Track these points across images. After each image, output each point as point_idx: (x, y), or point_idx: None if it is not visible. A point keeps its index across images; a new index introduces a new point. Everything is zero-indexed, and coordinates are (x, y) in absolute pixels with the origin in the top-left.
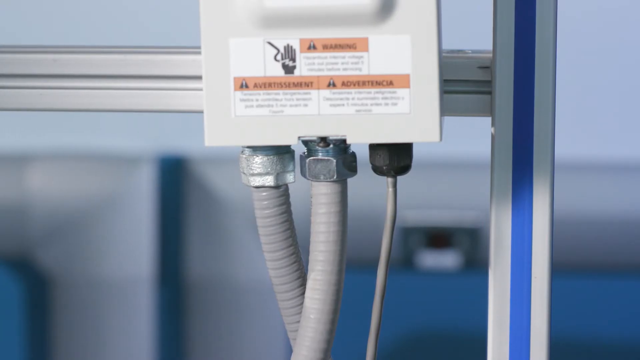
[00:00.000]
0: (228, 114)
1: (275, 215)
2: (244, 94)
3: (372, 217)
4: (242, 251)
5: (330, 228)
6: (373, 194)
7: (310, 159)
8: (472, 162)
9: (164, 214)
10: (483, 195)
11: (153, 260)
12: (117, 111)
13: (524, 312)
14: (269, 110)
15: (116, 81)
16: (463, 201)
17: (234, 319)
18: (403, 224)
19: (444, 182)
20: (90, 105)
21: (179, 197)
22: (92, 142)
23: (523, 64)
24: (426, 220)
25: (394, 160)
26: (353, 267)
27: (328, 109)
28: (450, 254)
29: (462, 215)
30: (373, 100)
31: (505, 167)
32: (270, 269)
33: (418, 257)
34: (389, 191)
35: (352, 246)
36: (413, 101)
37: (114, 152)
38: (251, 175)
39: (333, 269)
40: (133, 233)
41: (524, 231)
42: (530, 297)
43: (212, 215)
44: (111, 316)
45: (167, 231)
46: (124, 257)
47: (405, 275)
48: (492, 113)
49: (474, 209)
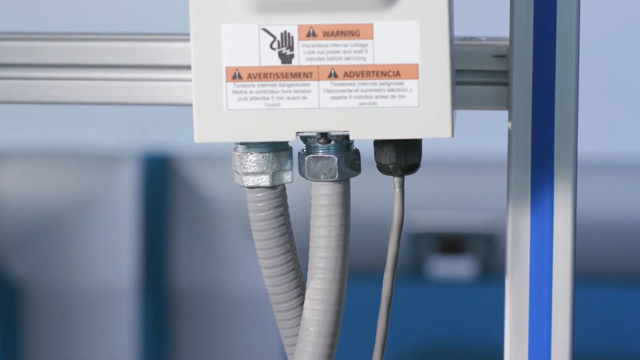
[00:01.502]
0: (219, 108)
1: (271, 218)
2: (237, 85)
3: (378, 221)
4: (234, 258)
5: (332, 232)
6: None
7: (310, 156)
8: (487, 160)
9: (149, 217)
10: (499, 197)
11: (136, 268)
12: (97, 104)
13: (544, 325)
14: (265, 103)
15: (97, 71)
16: (477, 203)
17: (225, 332)
18: (411, 227)
19: (456, 182)
20: (68, 97)
21: (165, 199)
22: (69, 138)
23: (543, 52)
24: (437, 223)
25: (401, 158)
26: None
27: (329, 102)
28: (463, 260)
29: (476, 219)
30: (378, 93)
31: (523, 165)
32: (265, 277)
33: (428, 264)
34: (395, 192)
35: (355, 252)
36: (422, 93)
37: (93, 150)
38: (245, 174)
39: (334, 277)
40: (114, 237)
41: (544, 236)
42: (551, 308)
43: (202, 219)
44: (89, 328)
45: (151, 236)
46: (104, 263)
47: (413, 284)
48: (508, 106)
49: (489, 212)
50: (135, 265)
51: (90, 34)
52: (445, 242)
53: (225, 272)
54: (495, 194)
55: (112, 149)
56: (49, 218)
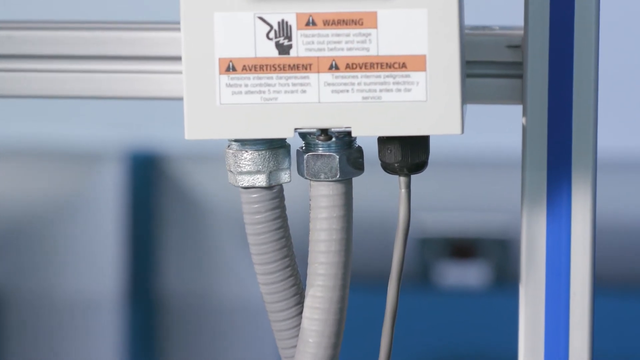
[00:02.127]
0: (212, 102)
1: (267, 220)
2: (231, 78)
3: (382, 223)
4: (228, 264)
5: (333, 236)
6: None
7: (309, 154)
8: (500, 159)
9: (135, 220)
10: (513, 198)
11: (121, 275)
12: (81, 98)
13: (560, 336)
14: (261, 97)
15: (81, 63)
16: (489, 205)
17: (218, 345)
18: (419, 231)
19: (466, 182)
20: (48, 91)
21: (153, 200)
22: (50, 135)
23: (560, 42)
24: (446, 227)
25: (408, 156)
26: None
27: (330, 95)
28: (474, 267)
29: (488, 222)
30: (383, 86)
31: (538, 164)
32: (261, 284)
33: (436, 271)
34: (401, 192)
35: (357, 257)
36: (430, 87)
37: (75, 147)
38: (239, 173)
39: (336, 284)
40: (97, 242)
41: (561, 240)
42: (569, 318)
43: (192, 222)
44: (70, 340)
45: (138, 240)
46: (86, 270)
47: (421, 292)
48: (523, 100)
49: (502, 214)
50: (120, 272)
51: (73, 22)
52: (455, 246)
53: (218, 280)
54: (508, 195)
55: (95, 147)
56: (26, 221)
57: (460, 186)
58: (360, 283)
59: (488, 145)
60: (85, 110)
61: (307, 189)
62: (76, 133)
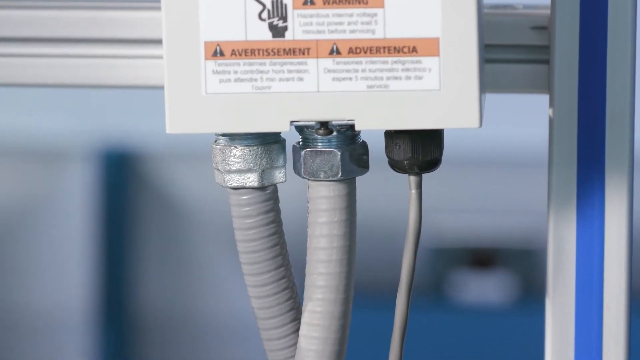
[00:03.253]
0: (197, 91)
1: (260, 225)
2: (219, 64)
3: (390, 229)
4: (213, 275)
5: (334, 243)
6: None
7: (307, 150)
8: (524, 155)
9: (107, 227)
10: (538, 199)
11: (91, 289)
12: (45, 86)
13: (592, 357)
14: (252, 86)
15: (46, 46)
16: (512, 207)
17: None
18: (432, 237)
19: (486, 181)
20: (10, 78)
21: (128, 205)
22: (7, 129)
23: (592, 23)
24: (462, 232)
25: (419, 152)
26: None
27: (330, 84)
28: (494, 278)
29: (510, 227)
30: (390, 73)
31: (567, 161)
32: (253, 297)
33: (452, 283)
34: (411, 193)
35: (362, 267)
36: (444, 74)
37: (37, 143)
38: (228, 172)
39: (337, 297)
40: (63, 252)
41: (593, 247)
42: (602, 335)
43: (173, 228)
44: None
45: (110, 249)
46: (50, 284)
47: (434, 307)
48: (550, 89)
49: (527, 218)
50: (90, 286)
51: (35, 0)
52: (472, 255)
53: (203, 294)
54: (533, 196)
55: (61, 143)
56: None
57: (479, 186)
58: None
59: (510, 140)
60: (49, 100)
61: (304, 189)
62: (39, 127)
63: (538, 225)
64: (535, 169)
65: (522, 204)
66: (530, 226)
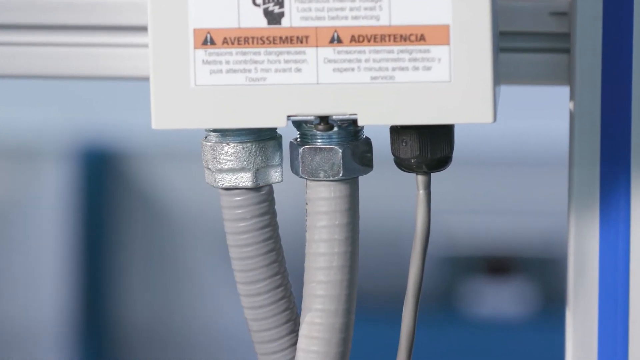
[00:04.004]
0: (186, 83)
1: (254, 229)
2: (209, 53)
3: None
4: (203, 284)
5: (334, 249)
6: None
7: (305, 148)
8: (542, 152)
9: (88, 232)
10: (558, 201)
11: (69, 297)
12: (22, 77)
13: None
14: (246, 77)
15: (23, 34)
16: (529, 209)
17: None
18: (442, 242)
19: (500, 181)
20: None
21: (110, 207)
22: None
23: (615, 8)
24: (475, 237)
25: (427, 149)
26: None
27: (331, 75)
28: (510, 286)
29: (527, 231)
30: (396, 63)
31: (589, 160)
32: (246, 308)
33: (464, 292)
34: (419, 194)
35: (365, 275)
36: (454, 64)
37: (14, 140)
38: (219, 171)
39: (338, 308)
40: (40, 257)
41: (618, 253)
42: (627, 350)
43: (158, 233)
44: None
45: (91, 255)
46: (25, 291)
47: (444, 319)
48: (570, 80)
49: (545, 221)
50: (67, 295)
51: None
52: (486, 262)
53: (191, 303)
54: (552, 197)
55: (38, 140)
56: None
57: (493, 187)
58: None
59: (527, 136)
60: (24, 93)
61: (302, 190)
62: (12, 122)
63: (558, 229)
64: (555, 168)
65: (540, 206)
66: (549, 230)
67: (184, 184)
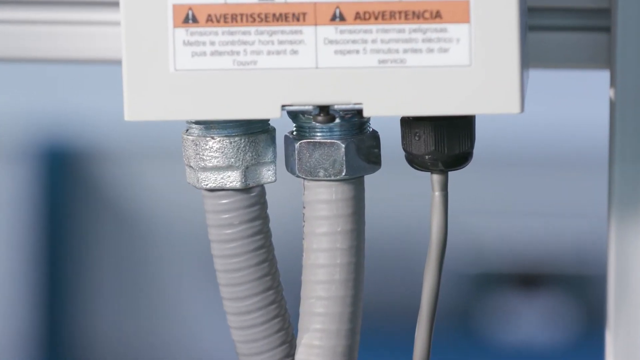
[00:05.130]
0: (164, 67)
1: (243, 237)
2: (191, 33)
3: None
4: (182, 301)
5: (337, 260)
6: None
7: (303, 142)
8: (578, 148)
9: (47, 241)
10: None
11: (27, 317)
12: None
13: None
14: (233, 60)
15: None
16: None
17: None
18: (461, 252)
19: (529, 181)
20: None
21: (74, 214)
22: None
23: None
24: (500, 245)
25: (443, 144)
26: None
27: (332, 58)
28: (541, 303)
29: (562, 239)
30: (408, 45)
31: (633, 156)
32: (234, 328)
33: (488, 311)
34: (434, 196)
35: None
36: (475, 45)
37: None
38: (203, 170)
39: (341, 328)
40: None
41: None
42: None
43: (131, 243)
44: None
45: (53, 270)
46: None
47: (464, 341)
48: (610, 64)
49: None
50: (25, 314)
51: None
52: (513, 275)
53: (169, 324)
54: (590, 199)
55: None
56: None
57: (520, 188)
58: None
59: (560, 129)
60: None
61: (299, 191)
62: None
63: (596, 236)
64: (593, 166)
65: (576, 209)
66: (586, 238)
67: (162, 185)
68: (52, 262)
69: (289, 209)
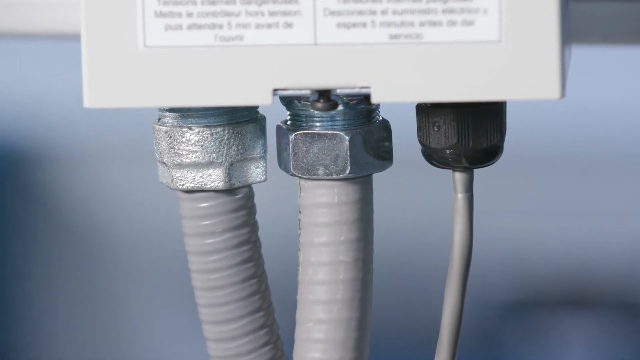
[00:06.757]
0: (131, 44)
1: (227, 248)
2: (164, 2)
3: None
4: (153, 326)
5: (339, 275)
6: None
7: (299, 134)
8: (628, 140)
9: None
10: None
11: None
12: None
13: None
14: (215, 35)
15: None
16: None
17: None
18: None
19: (572, 180)
20: None
21: (18, 224)
22: None
23: None
24: (538, 256)
25: (468, 137)
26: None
27: (333, 33)
28: (587, 322)
29: (610, 248)
30: (425, 16)
31: None
32: (215, 357)
33: (522, 333)
34: (457, 199)
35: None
36: (506, 17)
37: None
38: (178, 167)
39: (344, 357)
40: None
41: None
42: None
43: (90, 258)
44: None
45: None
46: None
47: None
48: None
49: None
50: None
51: None
52: (553, 290)
53: (137, 354)
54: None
55: None
56: None
57: (561, 188)
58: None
59: (607, 117)
60: None
61: (294, 193)
62: None
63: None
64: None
65: (628, 213)
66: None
67: (129, 186)
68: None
69: (281, 214)
